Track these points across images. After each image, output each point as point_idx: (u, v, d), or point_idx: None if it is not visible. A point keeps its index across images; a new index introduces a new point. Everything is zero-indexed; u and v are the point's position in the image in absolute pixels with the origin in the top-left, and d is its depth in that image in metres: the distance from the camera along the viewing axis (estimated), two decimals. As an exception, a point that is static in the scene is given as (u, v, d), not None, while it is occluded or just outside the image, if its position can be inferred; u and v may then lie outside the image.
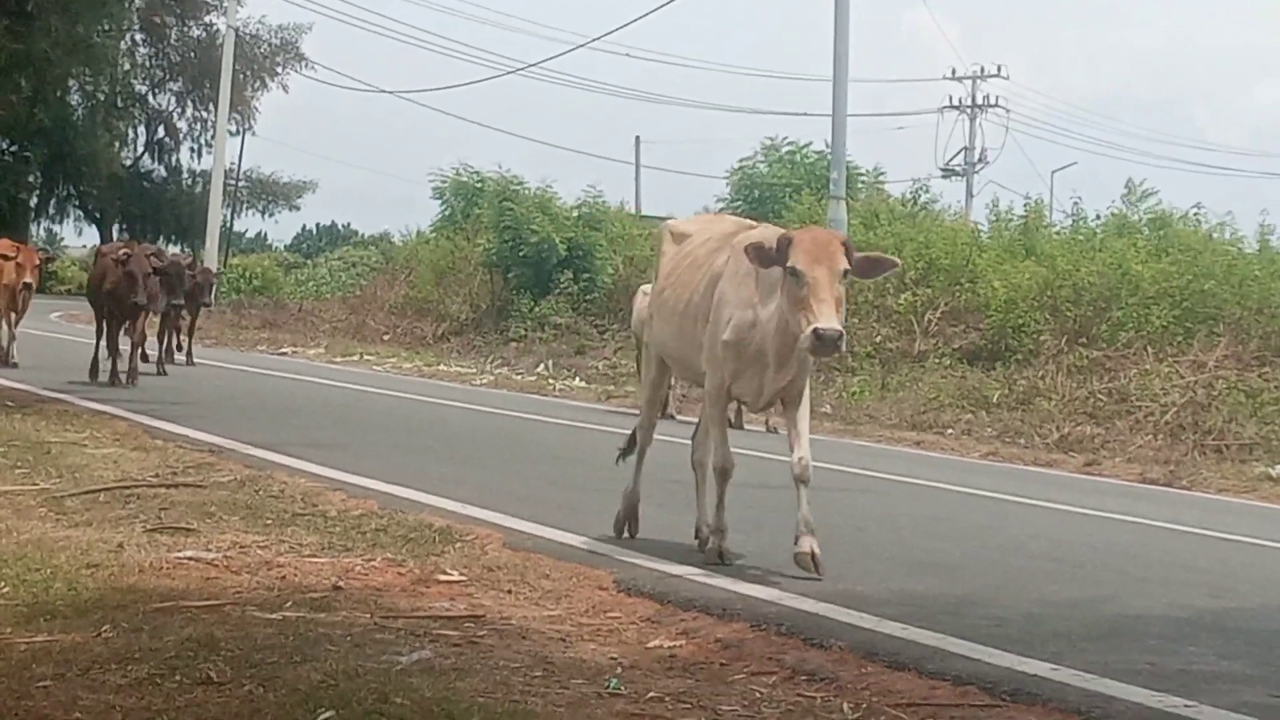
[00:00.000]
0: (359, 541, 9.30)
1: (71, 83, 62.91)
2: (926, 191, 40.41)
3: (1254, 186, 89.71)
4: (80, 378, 20.96)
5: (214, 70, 57.64)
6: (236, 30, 56.77)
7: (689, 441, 10.88)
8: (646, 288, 23.22)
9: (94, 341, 22.06)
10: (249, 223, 79.46)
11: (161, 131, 73.70)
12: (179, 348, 27.60)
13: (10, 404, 16.88)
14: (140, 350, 22.38)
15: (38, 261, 24.08)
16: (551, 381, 30.35)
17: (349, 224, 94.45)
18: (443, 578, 8.33)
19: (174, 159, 74.18)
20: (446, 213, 48.24)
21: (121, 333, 21.76)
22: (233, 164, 66.94)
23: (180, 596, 7.43)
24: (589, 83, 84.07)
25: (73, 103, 66.06)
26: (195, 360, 27.48)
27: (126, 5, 63.28)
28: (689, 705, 6.18)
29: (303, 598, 7.54)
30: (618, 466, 10.94)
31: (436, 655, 6.56)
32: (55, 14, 44.89)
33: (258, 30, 68.68)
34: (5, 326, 23.95)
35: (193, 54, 70.12)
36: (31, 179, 69.16)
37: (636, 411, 24.34)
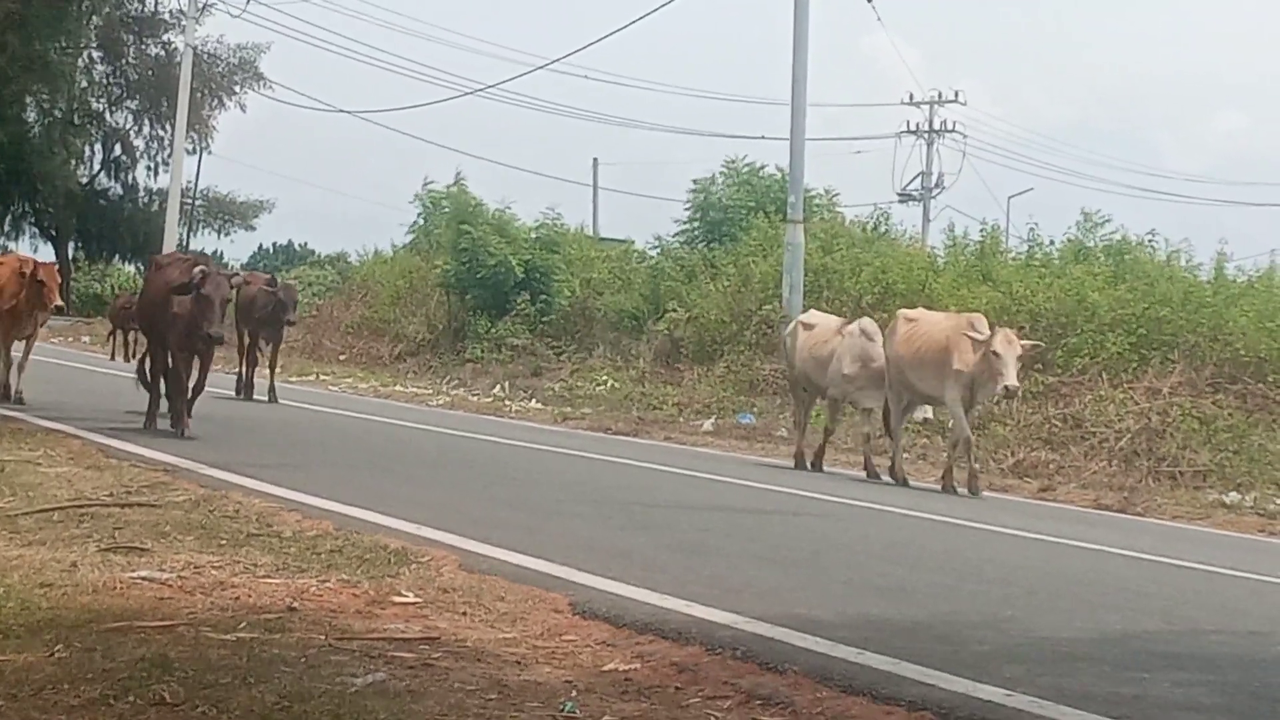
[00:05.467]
0: (314, 562, 9.26)
1: (28, 100, 62.72)
2: (887, 220, 40.54)
3: (1210, 214, 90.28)
4: (67, 404, 20.57)
5: (172, 89, 57.41)
6: (195, 49, 56.62)
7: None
8: (805, 317, 21.84)
9: (141, 377, 19.35)
10: (205, 241, 79.16)
11: (118, 149, 73.40)
12: (249, 385, 25.65)
13: (-37, 422, 16.79)
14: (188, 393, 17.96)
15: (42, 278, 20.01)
16: (508, 403, 30.34)
17: (306, 243, 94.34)
18: (398, 599, 8.30)
19: (130, 177, 73.93)
20: (419, 230, 48.13)
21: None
22: (189, 183, 66.88)
23: (134, 617, 7.39)
24: (548, 104, 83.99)
25: (29, 120, 65.81)
26: (279, 398, 25.47)
27: (84, 23, 63.15)
28: (644, 729, 6.18)
29: (257, 619, 7.51)
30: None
31: (391, 677, 6.54)
32: (12, 31, 44.75)
33: (216, 49, 68.57)
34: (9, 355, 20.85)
35: (150, 72, 69.87)
36: (-14, 196, 68.91)
37: (592, 432, 24.21)
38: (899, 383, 19.26)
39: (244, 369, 25.89)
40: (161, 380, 18.28)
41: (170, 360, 17.94)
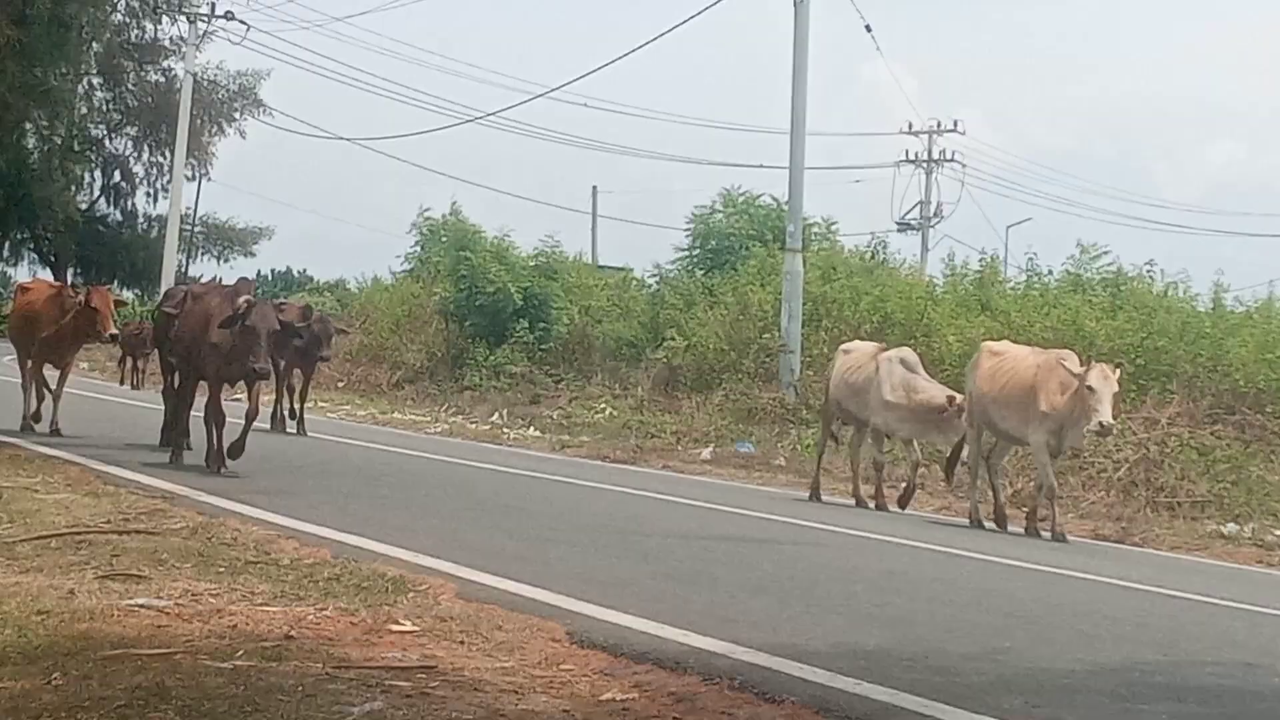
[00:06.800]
0: (311, 590, 9.25)
1: (27, 126, 62.65)
2: (885, 248, 40.68)
3: (1207, 243, 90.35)
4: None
5: (171, 115, 57.56)
6: (195, 76, 56.75)
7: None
8: (846, 345, 21.00)
9: (166, 406, 19.62)
10: (204, 268, 79.17)
11: (118, 176, 73.55)
12: (292, 414, 25.34)
13: (-39, 448, 16.76)
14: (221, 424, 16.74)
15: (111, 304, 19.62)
16: (506, 430, 30.35)
17: (305, 270, 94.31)
18: (395, 628, 8.29)
19: (130, 203, 74.09)
20: (416, 258, 48.05)
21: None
22: (189, 209, 66.97)
23: (131, 644, 7.37)
24: (547, 132, 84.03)
25: (29, 146, 65.84)
26: (307, 430, 25.27)
27: (84, 49, 63.14)
28: (641, 759, 6.16)
29: (254, 647, 7.50)
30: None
31: (388, 706, 6.53)
32: (11, 57, 44.65)
33: (216, 76, 68.78)
34: (35, 384, 20.21)
35: (150, 99, 69.99)
36: (-15, 222, 68.95)
37: (590, 460, 24.16)
38: (981, 420, 18.30)
39: (277, 401, 25.48)
40: (181, 411, 18.00)
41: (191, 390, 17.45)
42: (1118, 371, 17.14)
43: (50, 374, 20.28)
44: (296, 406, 25.53)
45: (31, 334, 19.81)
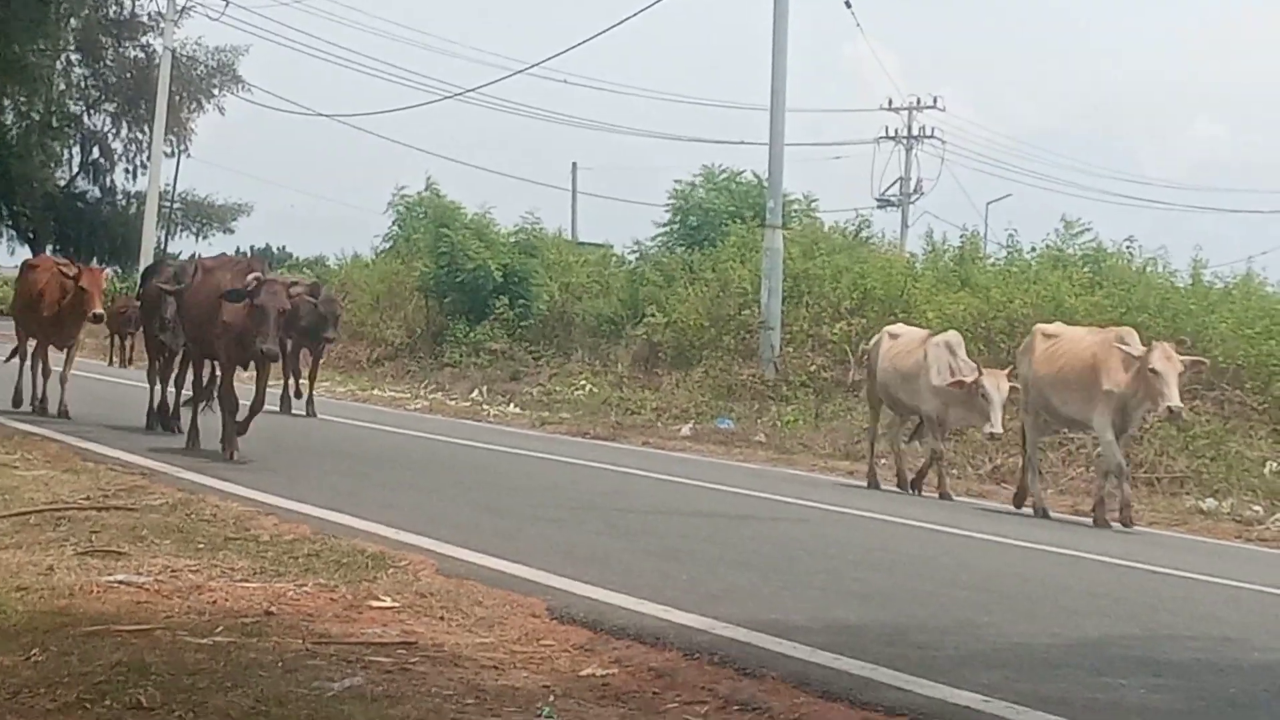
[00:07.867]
0: (291, 566, 9.25)
1: (5, 102, 62.57)
2: (868, 226, 40.63)
3: (1187, 220, 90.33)
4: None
5: (150, 91, 57.39)
6: (173, 51, 56.50)
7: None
8: (891, 329, 20.44)
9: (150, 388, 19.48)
10: (183, 244, 78.88)
11: (96, 152, 73.28)
12: (297, 394, 24.77)
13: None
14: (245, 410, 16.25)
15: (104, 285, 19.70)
16: (486, 407, 30.33)
17: (284, 247, 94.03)
18: (375, 604, 8.29)
19: (108, 180, 73.78)
20: (396, 236, 47.86)
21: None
22: (167, 185, 66.74)
23: (111, 620, 7.37)
24: (526, 109, 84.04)
25: (6, 123, 65.71)
26: (317, 412, 24.43)
27: (62, 25, 63.03)
28: (622, 734, 6.17)
29: (234, 623, 7.50)
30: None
31: (368, 682, 6.53)
32: (-12, 34, 44.58)
33: (195, 52, 68.50)
34: (41, 364, 19.97)
35: (129, 75, 69.80)
36: (-36, 199, 68.75)
37: (570, 436, 24.17)
38: (1037, 405, 17.87)
39: (283, 381, 24.79)
40: (192, 393, 17.54)
41: (219, 374, 16.59)
42: (1177, 349, 16.76)
43: (51, 354, 20.13)
44: (303, 387, 25.00)
45: (35, 312, 19.63)
